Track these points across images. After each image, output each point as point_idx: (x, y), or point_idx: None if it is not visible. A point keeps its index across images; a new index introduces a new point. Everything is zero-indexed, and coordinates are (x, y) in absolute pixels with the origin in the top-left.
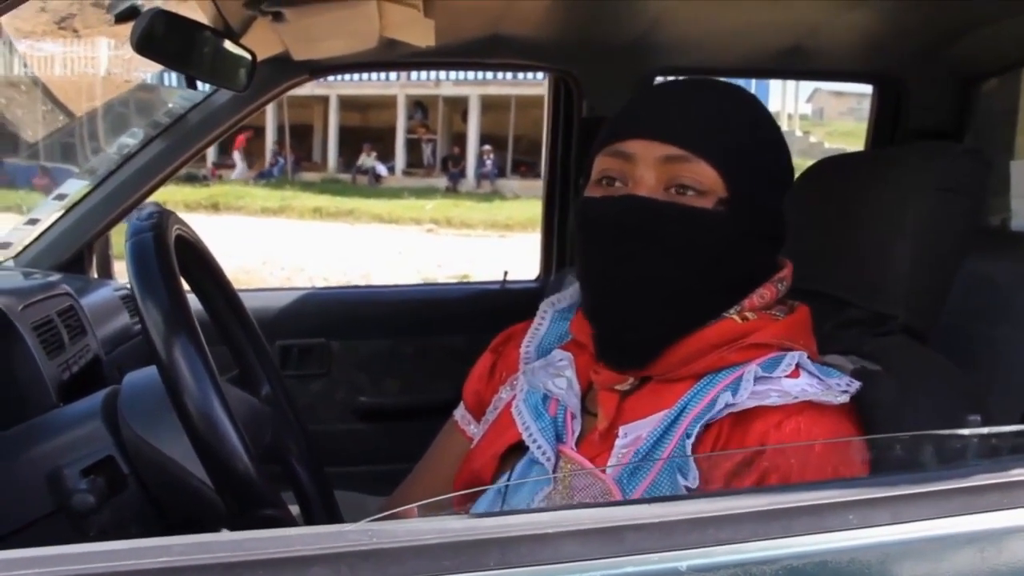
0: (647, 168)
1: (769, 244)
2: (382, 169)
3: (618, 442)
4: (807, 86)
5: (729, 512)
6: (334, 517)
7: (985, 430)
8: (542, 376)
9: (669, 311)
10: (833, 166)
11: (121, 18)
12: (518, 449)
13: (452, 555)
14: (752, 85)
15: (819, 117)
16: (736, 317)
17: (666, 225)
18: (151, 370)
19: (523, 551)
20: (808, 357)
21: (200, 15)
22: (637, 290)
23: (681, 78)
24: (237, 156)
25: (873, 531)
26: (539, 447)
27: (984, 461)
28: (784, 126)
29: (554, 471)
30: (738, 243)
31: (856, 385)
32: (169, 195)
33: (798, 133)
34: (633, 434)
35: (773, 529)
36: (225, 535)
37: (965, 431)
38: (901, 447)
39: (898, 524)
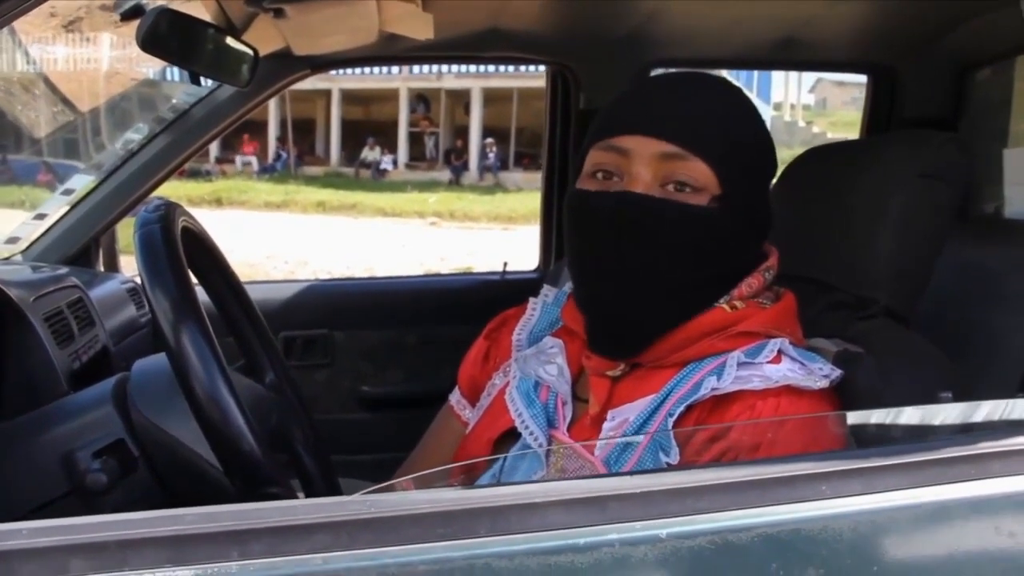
0: (643, 165)
1: (758, 235)
2: (387, 163)
3: (606, 425)
4: (810, 76)
5: (707, 483)
6: None
7: (955, 405)
8: (533, 363)
9: (661, 304)
10: (820, 155)
11: (127, 16)
12: (512, 435)
13: (445, 523)
14: (755, 77)
15: (822, 107)
16: (726, 306)
17: (662, 222)
18: (159, 357)
19: (512, 519)
20: (792, 343)
21: (203, 13)
22: (631, 284)
23: (672, 71)
24: (252, 158)
25: (845, 500)
26: (531, 433)
27: (954, 435)
28: (787, 116)
29: (546, 455)
30: (731, 238)
31: (837, 373)
32: (172, 190)
33: (801, 123)
34: (620, 417)
35: (749, 499)
36: (233, 506)
37: (936, 406)
38: (875, 422)
39: (869, 494)
